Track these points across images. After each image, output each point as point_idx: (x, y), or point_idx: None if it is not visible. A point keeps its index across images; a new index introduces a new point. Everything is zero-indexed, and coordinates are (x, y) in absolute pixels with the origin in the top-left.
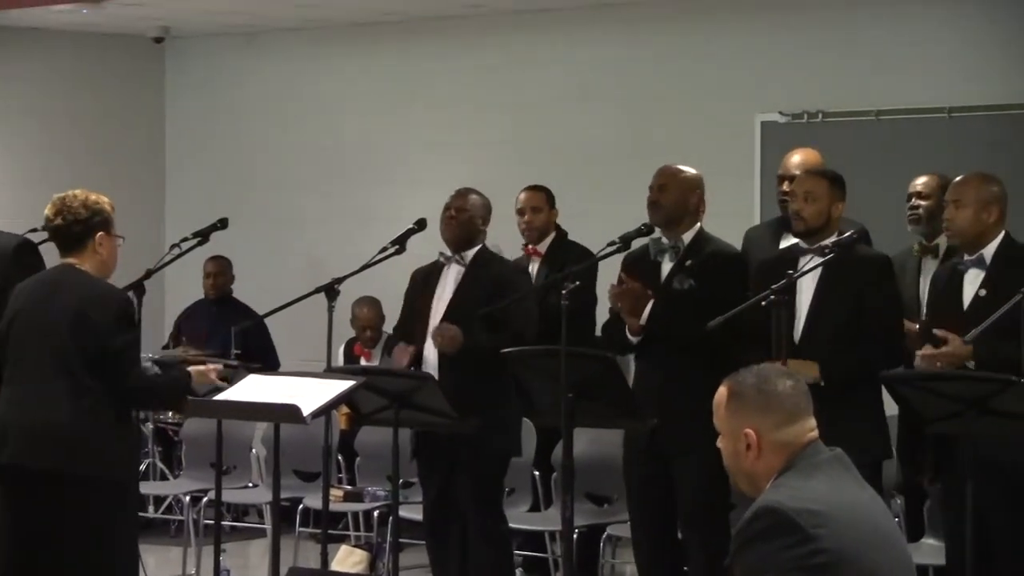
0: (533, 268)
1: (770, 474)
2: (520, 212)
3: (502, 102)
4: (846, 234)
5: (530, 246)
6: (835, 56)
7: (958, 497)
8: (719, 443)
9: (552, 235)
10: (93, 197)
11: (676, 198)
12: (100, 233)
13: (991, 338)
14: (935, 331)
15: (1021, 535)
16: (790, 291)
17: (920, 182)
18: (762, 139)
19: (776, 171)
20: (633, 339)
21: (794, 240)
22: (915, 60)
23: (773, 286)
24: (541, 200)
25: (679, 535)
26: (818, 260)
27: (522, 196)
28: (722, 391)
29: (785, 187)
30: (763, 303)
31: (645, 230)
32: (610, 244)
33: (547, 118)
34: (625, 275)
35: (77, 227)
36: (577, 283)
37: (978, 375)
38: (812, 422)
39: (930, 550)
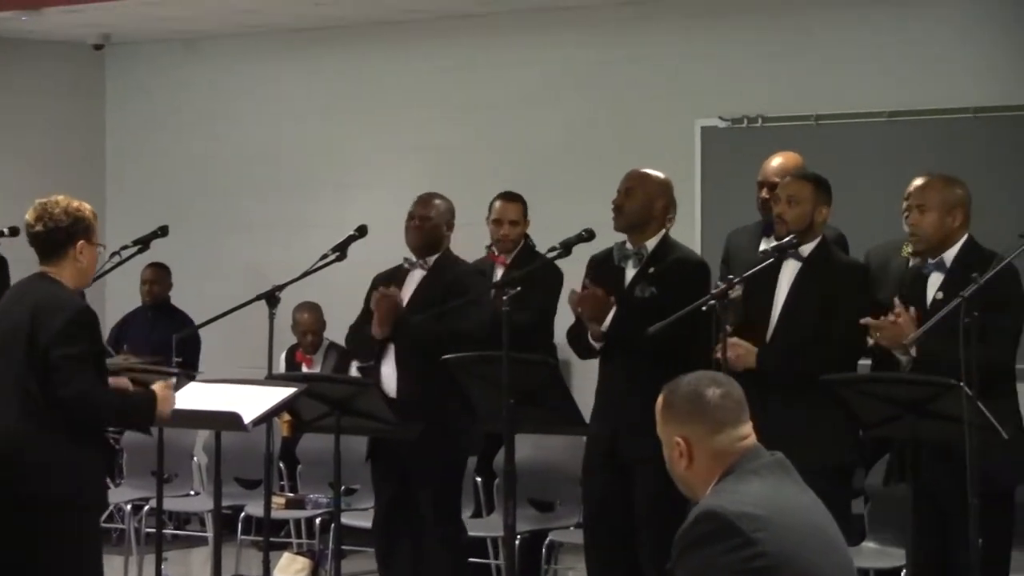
0: (497, 276)
1: (707, 480)
2: (497, 223)
3: (446, 107)
4: (817, 239)
5: (495, 252)
6: (775, 61)
7: (925, 500)
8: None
9: (520, 244)
10: (75, 204)
11: (640, 203)
12: (81, 241)
13: (943, 340)
14: (895, 301)
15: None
16: (765, 297)
17: (916, 184)
18: (702, 144)
19: (717, 176)
20: (596, 345)
21: (774, 243)
22: (855, 64)
23: (713, 291)
24: (518, 212)
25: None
26: (795, 266)
27: (498, 205)
28: (659, 399)
29: (764, 193)
30: (703, 308)
31: (586, 236)
32: (551, 250)
33: (491, 123)
34: (589, 281)
35: (58, 234)
36: (518, 288)
37: (917, 378)
38: (747, 428)
39: (871, 553)
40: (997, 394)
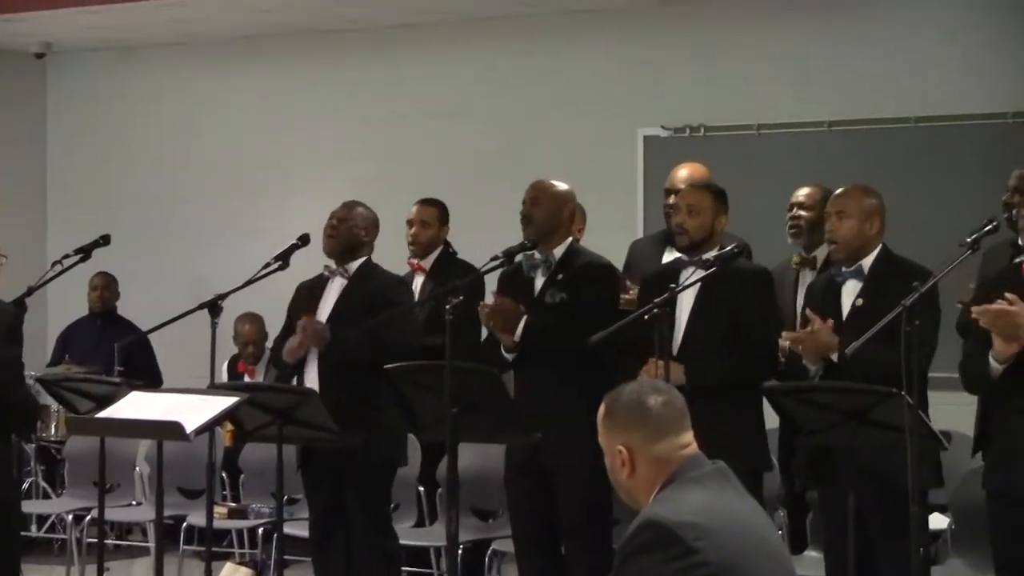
0: (417, 283)
1: (649, 489)
2: (409, 224)
3: (387, 115)
4: (728, 248)
5: (415, 261)
6: (717, 71)
7: (838, 506)
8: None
9: (439, 251)
10: None
11: (548, 212)
12: None
13: (871, 346)
14: (808, 312)
15: (901, 544)
16: (672, 304)
17: (802, 193)
18: (644, 153)
19: (659, 185)
20: (508, 356)
21: (677, 253)
22: (795, 74)
23: (655, 299)
24: (431, 215)
25: (562, 550)
26: (700, 273)
27: (413, 209)
28: (601, 408)
29: (671, 200)
30: (646, 317)
31: (528, 245)
32: (493, 259)
33: (433, 131)
34: (496, 293)
35: None
36: (461, 298)
37: (858, 387)
38: (688, 436)
39: (812, 562)
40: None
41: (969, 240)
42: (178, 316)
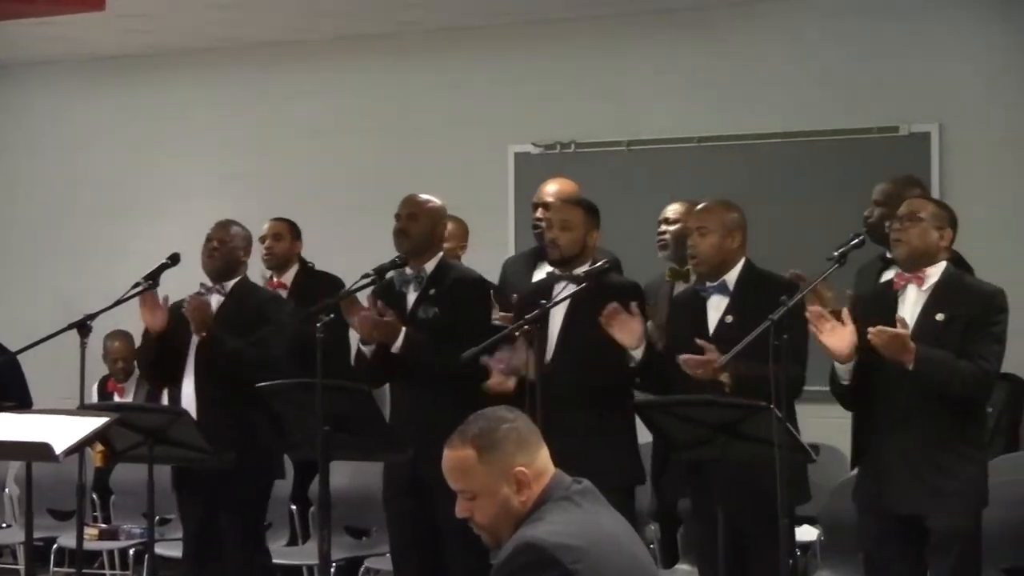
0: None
1: (525, 511)
2: (262, 240)
3: (255, 134)
4: (599, 263)
5: (274, 279)
6: (587, 87)
7: (709, 520)
8: (464, 512)
9: (295, 267)
10: None
11: (426, 228)
12: None
13: (743, 361)
14: (698, 341)
15: (771, 556)
16: (543, 320)
17: (671, 209)
18: (515, 170)
19: (529, 201)
20: (365, 349)
21: (549, 269)
22: (665, 91)
23: (526, 316)
24: (283, 229)
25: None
26: (572, 288)
27: (265, 225)
28: (463, 452)
29: (539, 214)
30: (516, 334)
31: (399, 262)
32: (364, 276)
33: (301, 150)
34: (380, 303)
35: None
36: (331, 316)
37: (727, 401)
38: (546, 452)
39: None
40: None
41: (836, 254)
42: (47, 336)
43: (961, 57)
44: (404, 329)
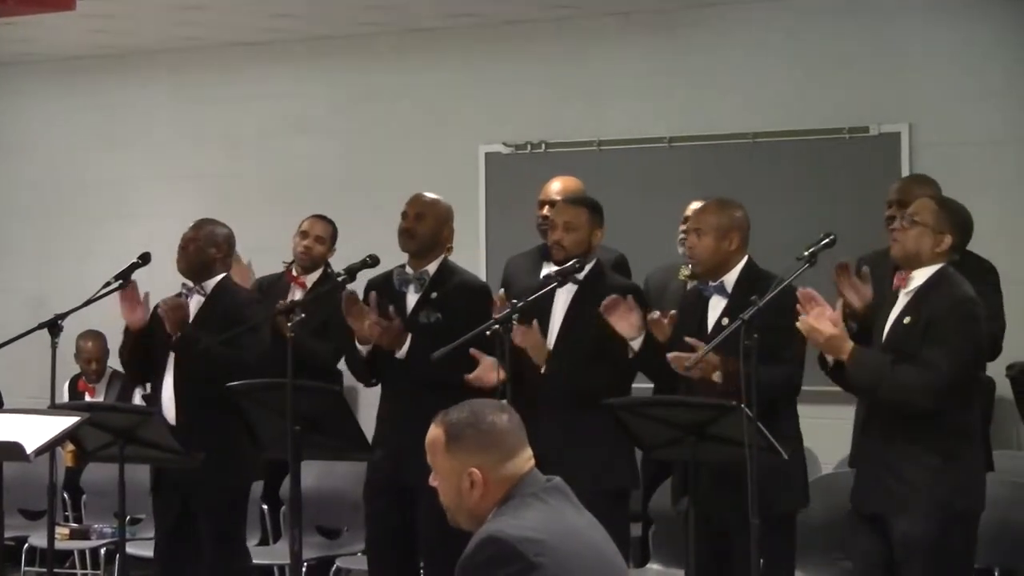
0: (296, 296)
1: (492, 507)
2: (303, 234)
3: (225, 135)
4: (573, 261)
5: (293, 271)
6: (558, 88)
7: (704, 522)
8: (433, 481)
9: (320, 270)
10: None
11: (432, 228)
12: None
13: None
14: (688, 340)
15: (768, 563)
16: (533, 317)
17: (691, 208)
18: (486, 170)
19: (501, 202)
20: (362, 349)
21: (555, 267)
22: (636, 91)
23: (496, 316)
24: (327, 233)
25: (419, 567)
26: (566, 287)
27: (306, 222)
28: (436, 432)
29: (546, 211)
30: (487, 333)
31: (370, 262)
32: (337, 275)
33: (271, 150)
34: (385, 305)
35: None
36: (303, 315)
37: (696, 402)
38: (529, 452)
39: (655, 575)
40: (779, 416)
41: (806, 254)
42: (17, 336)
43: (931, 58)
44: (410, 336)
